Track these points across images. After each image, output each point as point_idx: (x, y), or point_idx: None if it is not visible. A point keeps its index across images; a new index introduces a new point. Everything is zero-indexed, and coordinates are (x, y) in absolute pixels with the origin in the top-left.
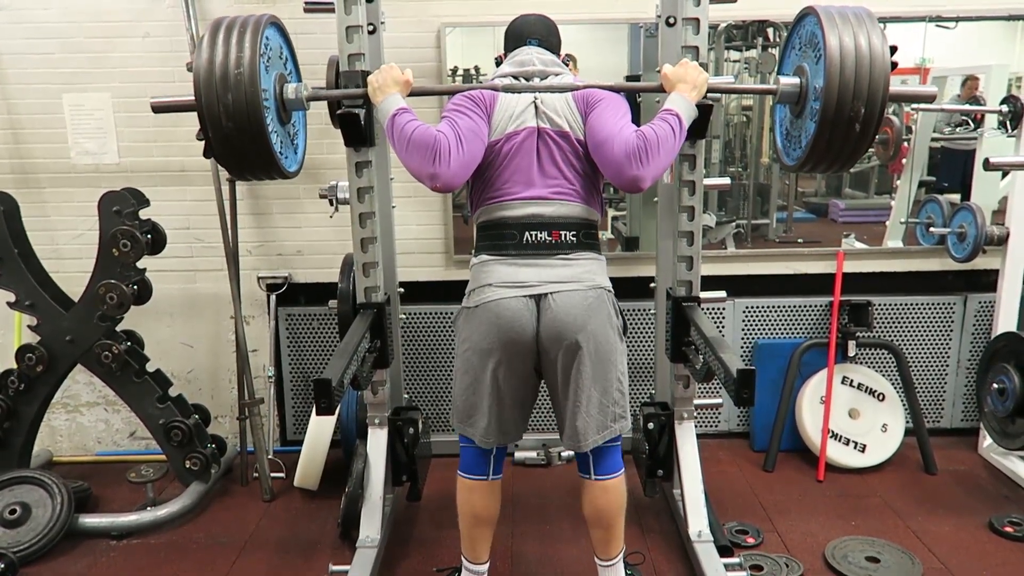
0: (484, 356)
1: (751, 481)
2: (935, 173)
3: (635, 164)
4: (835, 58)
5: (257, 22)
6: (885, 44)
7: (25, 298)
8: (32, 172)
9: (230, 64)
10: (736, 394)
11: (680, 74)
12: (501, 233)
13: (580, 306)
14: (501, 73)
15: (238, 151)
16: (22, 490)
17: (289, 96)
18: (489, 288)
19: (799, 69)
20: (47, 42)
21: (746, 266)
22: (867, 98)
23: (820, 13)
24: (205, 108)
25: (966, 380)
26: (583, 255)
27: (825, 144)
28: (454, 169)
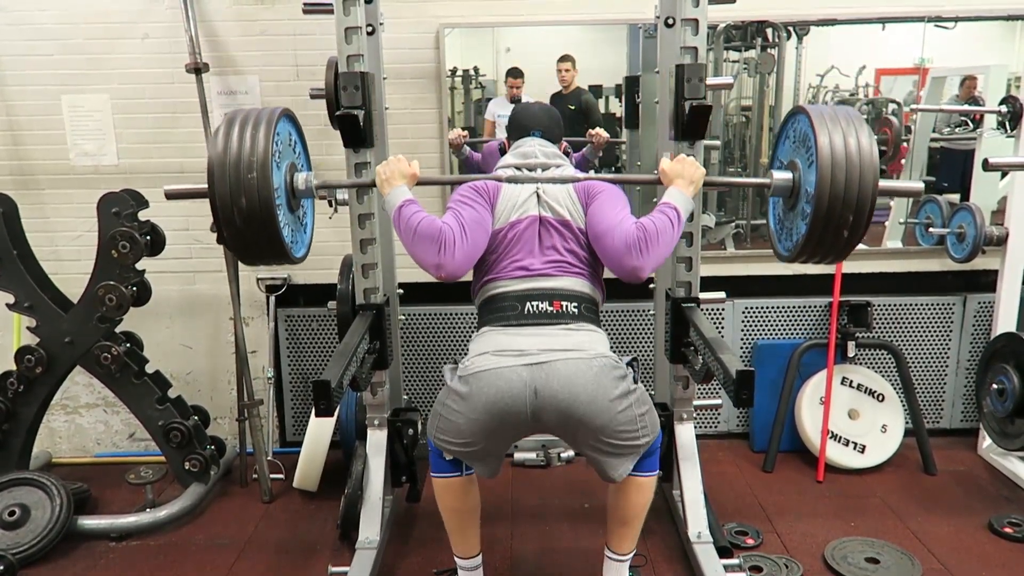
0: (471, 425)
1: (750, 482)
2: (934, 173)
3: (635, 255)
4: (826, 166)
5: (270, 118)
6: (873, 144)
7: (24, 300)
8: (31, 173)
9: (243, 167)
10: (735, 395)
11: (677, 170)
12: (502, 305)
13: (585, 375)
14: (504, 163)
15: (251, 245)
16: (21, 492)
17: (299, 187)
18: (485, 356)
19: (792, 164)
20: (46, 43)
21: (745, 267)
22: (856, 203)
23: (811, 114)
24: (219, 203)
25: (965, 380)
26: (584, 326)
27: (815, 245)
28: (459, 260)
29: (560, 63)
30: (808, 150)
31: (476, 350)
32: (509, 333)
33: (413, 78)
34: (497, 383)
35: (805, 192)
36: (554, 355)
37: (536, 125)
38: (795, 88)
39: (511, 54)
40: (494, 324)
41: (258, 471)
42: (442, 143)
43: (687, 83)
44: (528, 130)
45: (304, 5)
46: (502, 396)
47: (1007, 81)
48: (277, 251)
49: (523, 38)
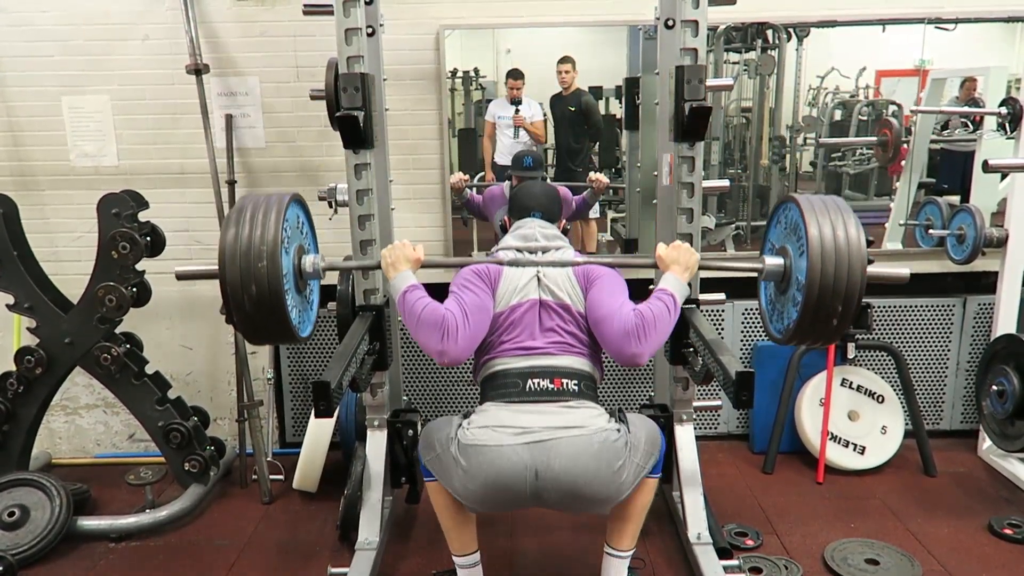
0: (467, 494)
1: (750, 483)
2: (934, 174)
3: (634, 342)
4: (817, 257)
5: (279, 205)
6: (861, 235)
7: (24, 300)
8: (31, 174)
9: (253, 253)
10: (735, 396)
11: (673, 256)
12: (504, 382)
13: (586, 454)
14: (506, 245)
15: (259, 328)
16: (21, 492)
17: (307, 269)
18: (487, 431)
19: (783, 250)
20: (46, 44)
21: None
22: (845, 293)
23: (802, 204)
24: (229, 287)
25: (965, 382)
26: (584, 403)
27: (805, 332)
28: (461, 345)
29: (560, 64)
30: (799, 239)
31: (478, 422)
32: (511, 409)
33: (413, 79)
34: (498, 462)
35: (796, 280)
36: (555, 433)
37: (536, 206)
38: (795, 90)
39: (511, 55)
40: (496, 400)
41: (258, 472)
42: (442, 145)
43: (687, 84)
44: (529, 211)
45: (304, 6)
46: (501, 476)
47: (1007, 83)
48: (285, 334)
49: (523, 39)
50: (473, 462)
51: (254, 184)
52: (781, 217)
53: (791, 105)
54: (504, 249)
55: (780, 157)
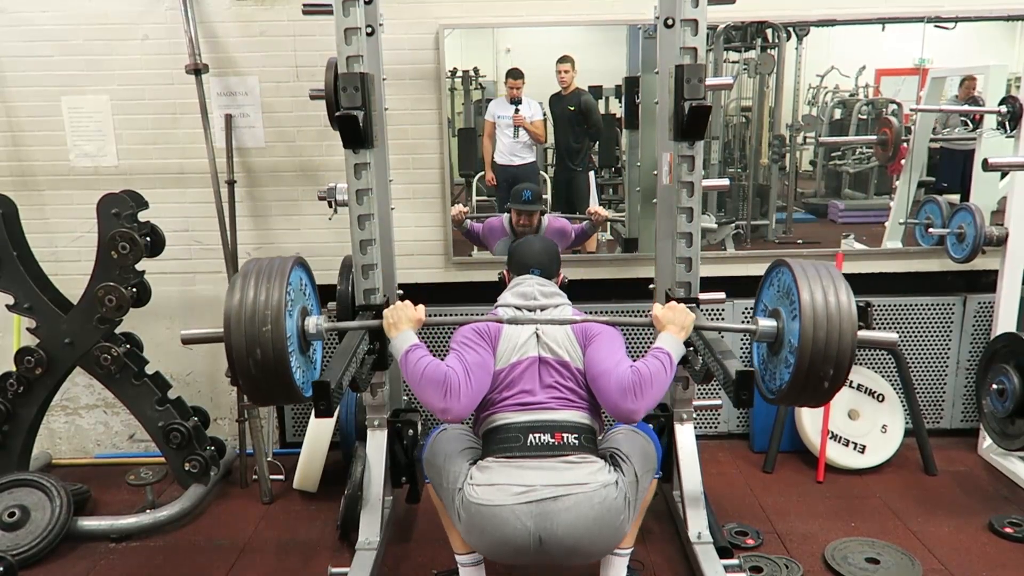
0: (469, 541)
1: (751, 482)
2: (934, 173)
3: (630, 399)
4: (809, 322)
5: (282, 270)
6: (851, 300)
7: (24, 300)
8: (31, 174)
9: (257, 319)
10: (735, 396)
11: (669, 316)
12: (505, 436)
13: (588, 516)
14: (504, 303)
15: (264, 391)
16: (21, 493)
17: (310, 331)
18: (491, 490)
19: (775, 312)
20: (46, 44)
21: (745, 267)
22: (836, 357)
23: (794, 269)
24: (234, 351)
25: (966, 381)
26: (585, 457)
27: (797, 394)
28: (464, 403)
29: (559, 64)
30: (792, 303)
31: (480, 479)
32: (513, 465)
33: (413, 79)
34: (502, 528)
35: (788, 343)
36: (557, 491)
37: (535, 264)
38: (795, 88)
39: (511, 55)
40: (498, 455)
41: (258, 472)
42: (442, 144)
43: (687, 83)
44: (527, 268)
45: (304, 6)
46: (505, 541)
47: (1007, 81)
48: (290, 396)
49: (523, 39)
50: (476, 522)
51: (254, 184)
52: (774, 280)
53: (791, 104)
54: (503, 307)
55: (780, 156)
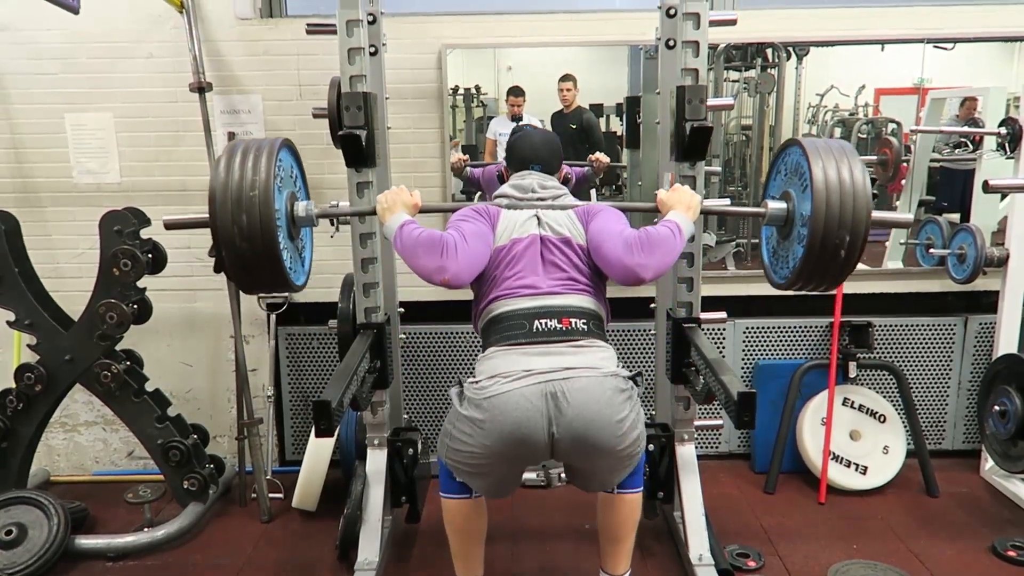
0: (486, 452)
1: (752, 503)
2: (934, 192)
3: (636, 253)
4: (821, 189)
5: (272, 146)
6: (866, 175)
7: (25, 317)
8: (34, 191)
9: (245, 187)
10: (737, 417)
11: (675, 198)
12: (509, 324)
13: (601, 399)
14: (503, 193)
15: (250, 269)
16: (18, 510)
17: (300, 214)
18: (497, 381)
19: (785, 194)
20: (50, 62)
21: (746, 287)
22: (852, 225)
23: (805, 146)
24: (220, 228)
25: (967, 402)
26: (594, 343)
27: (812, 267)
28: (462, 262)
29: (561, 82)
30: (801, 178)
31: (486, 371)
32: (518, 352)
33: (415, 98)
34: (514, 413)
35: (800, 216)
36: (566, 373)
37: (535, 159)
38: (795, 107)
39: (513, 73)
40: (502, 344)
41: (257, 490)
42: (444, 163)
43: (688, 104)
44: (527, 163)
45: (307, 26)
46: (519, 425)
47: (1006, 102)
48: (278, 275)
49: (525, 57)
50: (488, 416)
51: None
52: (781, 166)
53: (791, 123)
54: (501, 196)
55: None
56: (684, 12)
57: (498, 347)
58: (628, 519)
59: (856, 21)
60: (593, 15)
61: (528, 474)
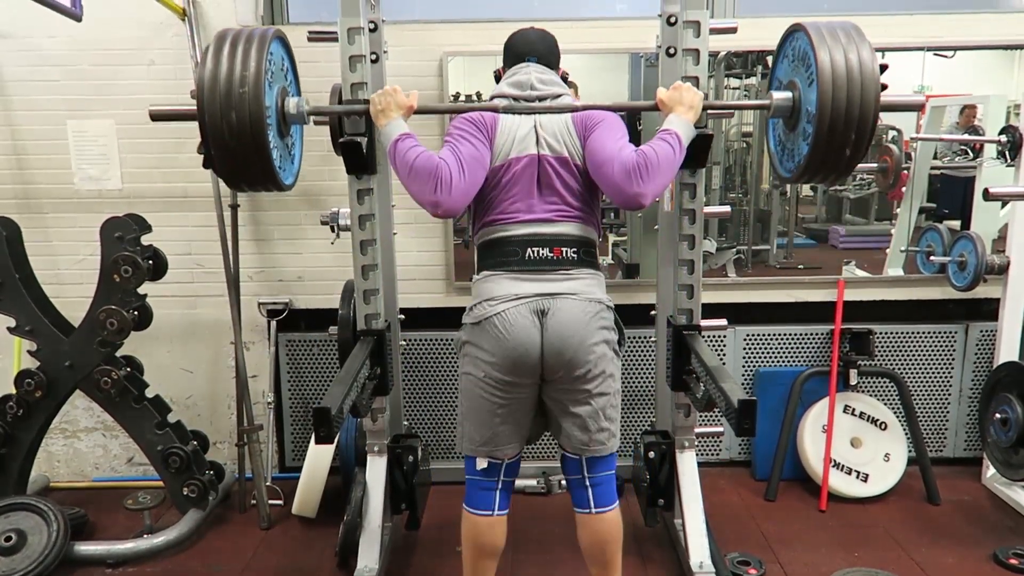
0: (489, 369)
1: (753, 510)
2: (935, 199)
3: (636, 182)
4: (827, 82)
5: (263, 36)
6: (874, 59)
7: (25, 323)
8: (35, 197)
9: (234, 80)
10: (737, 424)
11: (676, 97)
12: (503, 250)
13: (580, 320)
14: (500, 92)
15: (239, 164)
16: (18, 516)
17: (291, 111)
18: (492, 302)
19: (791, 84)
20: (52, 69)
21: (747, 294)
22: (859, 118)
23: (810, 31)
24: (208, 121)
25: (969, 409)
26: (583, 271)
27: (819, 163)
28: (455, 196)
29: None
30: (808, 68)
31: (483, 294)
32: (511, 278)
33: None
34: (512, 329)
35: (806, 112)
36: (553, 298)
37: (531, 52)
38: None
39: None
40: (496, 269)
41: (257, 497)
42: None
43: None
44: (523, 56)
45: (309, 33)
46: (519, 340)
47: (1007, 110)
48: (266, 174)
49: None
50: (487, 331)
51: (256, 208)
52: (788, 51)
53: None
54: (499, 97)
55: (781, 182)
56: (685, 20)
57: (492, 271)
58: (613, 537)
59: None
60: (594, 22)
61: (528, 481)
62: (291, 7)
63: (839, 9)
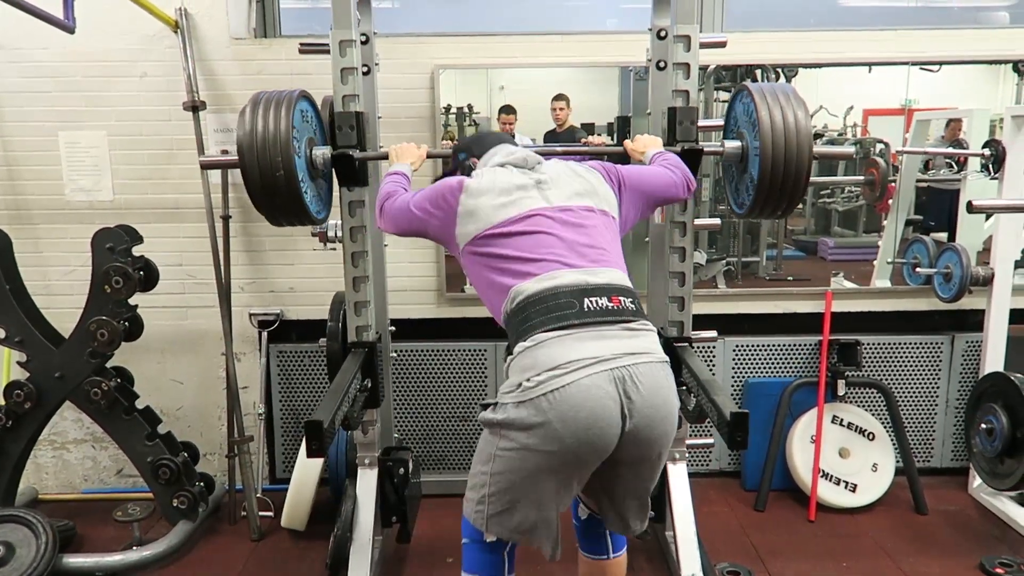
0: (550, 462)
1: (742, 521)
2: (922, 211)
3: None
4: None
5: (290, 100)
6: (807, 116)
7: (15, 334)
8: (26, 208)
9: (268, 139)
10: (730, 437)
11: (644, 141)
12: (557, 304)
13: (666, 390)
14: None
15: (277, 207)
16: (6, 529)
17: (318, 162)
18: (560, 372)
19: (740, 134)
20: (44, 81)
21: (736, 305)
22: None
23: (753, 91)
24: (248, 171)
25: (955, 420)
26: (644, 324)
27: (763, 202)
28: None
29: (555, 101)
30: (754, 125)
31: (538, 365)
32: (572, 338)
33: (408, 117)
34: (588, 404)
35: (753, 158)
36: (632, 359)
37: (503, 141)
38: None
39: (505, 92)
40: (549, 327)
41: (247, 509)
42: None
43: (679, 126)
44: (497, 142)
45: (301, 45)
46: (596, 417)
47: (990, 124)
48: (300, 211)
49: (517, 76)
50: (556, 413)
51: (248, 219)
52: (737, 106)
53: None
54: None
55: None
56: (675, 35)
57: (546, 332)
58: None
59: (844, 44)
60: (585, 36)
61: None
62: (283, 20)
63: (824, 24)
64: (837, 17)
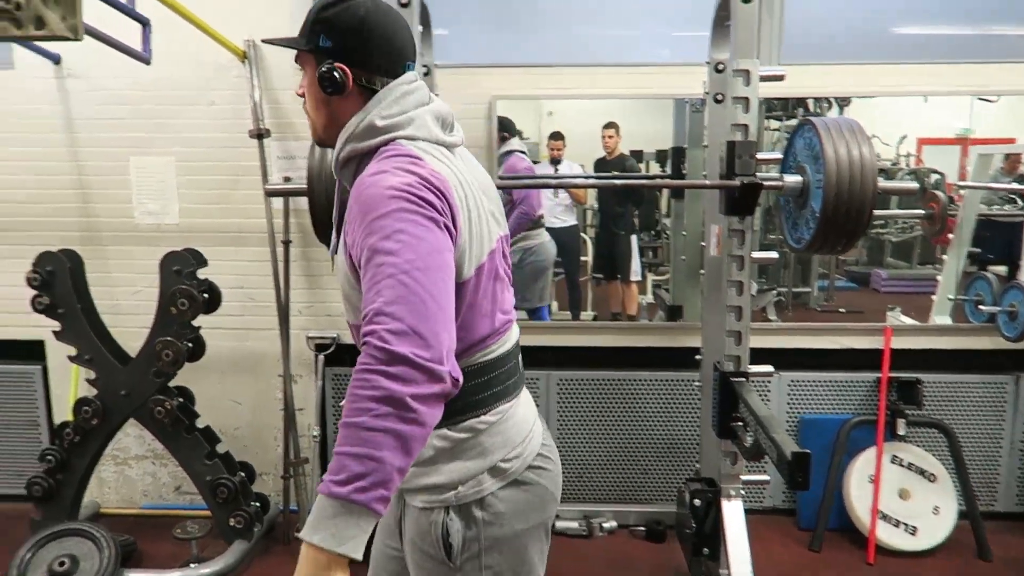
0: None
1: (797, 561)
2: (980, 244)
3: None
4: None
5: None
6: (872, 152)
7: (85, 352)
8: (97, 230)
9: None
10: (790, 477)
11: None
12: (506, 370)
13: None
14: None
15: None
16: (71, 542)
17: None
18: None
19: (800, 168)
20: (118, 108)
21: (791, 339)
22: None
23: (818, 126)
24: (315, 200)
25: (1020, 462)
26: None
27: (823, 239)
28: None
29: (605, 129)
30: (816, 159)
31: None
32: (526, 405)
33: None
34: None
35: (815, 192)
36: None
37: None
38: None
39: (554, 117)
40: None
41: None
42: None
43: (738, 159)
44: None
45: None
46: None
47: None
48: None
49: (567, 103)
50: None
51: (308, 243)
52: (798, 140)
53: None
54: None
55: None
56: (735, 69)
57: (507, 403)
58: None
59: (901, 77)
60: (639, 68)
61: (569, 523)
62: None
63: (879, 52)
64: (893, 42)
